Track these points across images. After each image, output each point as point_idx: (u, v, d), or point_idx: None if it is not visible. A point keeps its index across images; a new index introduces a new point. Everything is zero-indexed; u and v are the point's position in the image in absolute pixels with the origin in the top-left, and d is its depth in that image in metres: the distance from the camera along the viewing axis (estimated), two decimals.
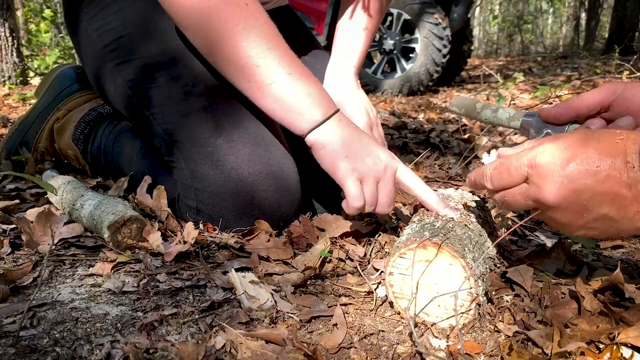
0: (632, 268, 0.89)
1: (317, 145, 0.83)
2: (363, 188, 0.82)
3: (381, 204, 0.84)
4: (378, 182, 0.83)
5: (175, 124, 0.95)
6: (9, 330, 0.59)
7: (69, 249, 0.85)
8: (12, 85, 3.96)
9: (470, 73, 6.39)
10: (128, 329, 0.62)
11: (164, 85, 0.96)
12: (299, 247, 0.89)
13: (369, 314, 0.71)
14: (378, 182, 0.83)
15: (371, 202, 0.83)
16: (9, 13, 3.93)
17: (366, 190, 0.82)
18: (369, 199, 0.82)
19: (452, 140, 2.01)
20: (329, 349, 0.62)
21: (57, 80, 1.34)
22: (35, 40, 5.60)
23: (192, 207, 0.94)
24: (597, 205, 0.56)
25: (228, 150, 0.90)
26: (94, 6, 1.05)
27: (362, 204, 0.81)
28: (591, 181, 0.55)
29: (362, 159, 0.82)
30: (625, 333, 0.60)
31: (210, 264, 0.81)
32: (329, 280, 0.79)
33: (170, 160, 0.97)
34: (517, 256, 0.89)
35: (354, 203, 0.81)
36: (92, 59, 1.07)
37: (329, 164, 0.83)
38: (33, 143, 1.30)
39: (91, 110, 1.25)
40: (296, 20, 1.25)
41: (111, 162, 1.17)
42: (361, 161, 0.82)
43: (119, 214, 0.83)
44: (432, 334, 0.66)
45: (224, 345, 0.59)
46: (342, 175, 0.82)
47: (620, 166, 0.54)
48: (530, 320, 0.66)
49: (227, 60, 0.84)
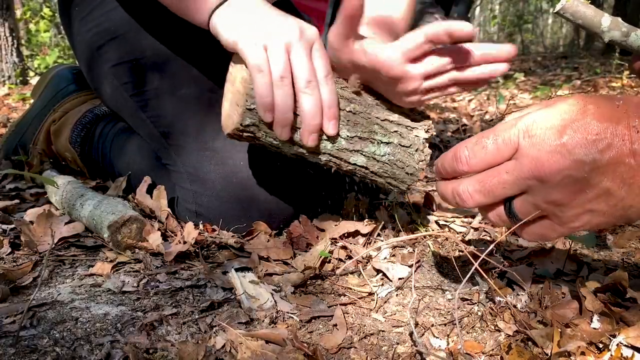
0: (632, 268, 0.89)
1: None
2: (267, 57, 0.66)
3: (298, 85, 0.67)
4: (288, 51, 0.68)
5: (171, 127, 0.94)
6: (9, 330, 0.59)
7: (69, 249, 0.85)
8: (12, 85, 3.96)
9: None
10: (128, 329, 0.62)
11: (159, 88, 0.96)
12: (299, 247, 0.89)
13: (369, 314, 0.71)
14: (288, 52, 0.68)
15: (280, 73, 0.66)
16: (9, 13, 3.93)
17: (272, 60, 0.66)
18: (276, 70, 0.66)
19: (452, 140, 2.01)
20: (329, 349, 0.61)
21: (54, 81, 1.33)
22: (35, 40, 5.59)
23: (191, 210, 0.93)
24: (598, 178, 0.49)
25: (226, 153, 0.90)
26: (86, 6, 1.04)
27: (267, 78, 0.66)
28: (591, 150, 0.48)
29: (268, 24, 0.69)
30: (625, 333, 0.60)
31: (210, 264, 0.81)
32: (329, 280, 0.79)
33: (167, 163, 0.97)
34: (517, 256, 0.89)
35: (255, 75, 0.66)
36: (87, 60, 1.07)
37: (228, 37, 0.69)
38: (30, 145, 1.30)
39: (87, 111, 1.24)
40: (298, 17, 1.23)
41: (109, 164, 1.16)
42: (265, 26, 0.68)
43: (119, 214, 0.83)
44: (432, 334, 0.66)
45: (224, 345, 0.59)
46: (234, 41, 0.68)
47: (622, 132, 0.47)
48: (530, 320, 0.66)
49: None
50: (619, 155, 0.48)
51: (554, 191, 0.50)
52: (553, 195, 0.51)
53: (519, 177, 0.51)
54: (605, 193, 0.49)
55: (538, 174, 0.50)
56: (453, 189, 0.56)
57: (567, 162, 0.49)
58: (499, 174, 0.52)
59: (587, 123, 0.48)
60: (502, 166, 0.52)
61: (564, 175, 0.49)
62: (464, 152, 0.54)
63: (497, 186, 0.53)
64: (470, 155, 0.53)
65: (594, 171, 0.48)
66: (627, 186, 0.48)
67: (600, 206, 0.50)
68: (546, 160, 0.49)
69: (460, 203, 0.56)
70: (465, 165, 0.54)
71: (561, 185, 0.50)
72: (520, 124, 0.51)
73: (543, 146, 0.49)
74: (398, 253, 0.87)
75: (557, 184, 0.50)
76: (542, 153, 0.49)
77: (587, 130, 0.48)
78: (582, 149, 0.48)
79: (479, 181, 0.54)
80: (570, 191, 0.50)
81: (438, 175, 0.59)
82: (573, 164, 0.48)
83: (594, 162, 0.48)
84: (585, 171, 0.48)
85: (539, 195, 0.51)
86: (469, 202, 0.55)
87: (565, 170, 0.49)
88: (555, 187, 0.50)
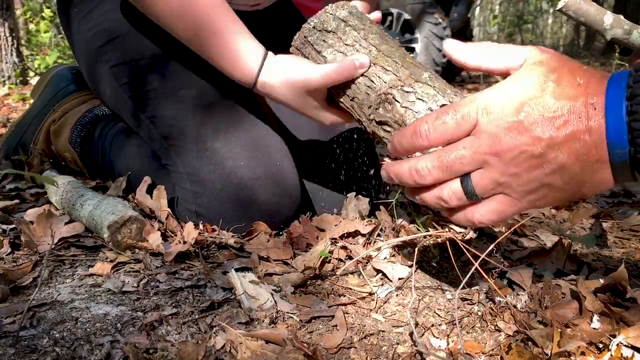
0: (632, 268, 0.89)
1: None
2: None
3: None
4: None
5: (171, 128, 0.94)
6: (9, 330, 0.59)
7: (69, 249, 0.85)
8: (12, 85, 3.96)
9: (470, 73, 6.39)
10: (128, 329, 0.62)
11: (159, 88, 0.95)
12: (299, 247, 0.89)
13: (369, 314, 0.71)
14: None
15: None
16: (9, 13, 3.93)
17: None
18: None
19: None
20: (329, 349, 0.61)
21: (53, 81, 1.33)
22: (35, 40, 5.59)
23: (191, 210, 0.93)
24: (554, 154, 0.50)
25: (226, 154, 0.89)
26: (85, 6, 1.04)
27: None
28: (548, 127, 0.49)
29: None
30: (625, 333, 0.60)
31: (210, 264, 0.81)
32: (329, 281, 0.79)
33: (167, 163, 0.97)
34: (517, 256, 0.89)
35: None
36: (87, 61, 1.06)
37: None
38: (30, 145, 1.30)
39: (87, 112, 1.24)
40: (297, 16, 1.23)
41: (109, 164, 1.16)
42: None
43: (119, 214, 0.83)
44: (432, 334, 0.66)
45: (224, 345, 0.59)
46: None
47: (580, 109, 0.48)
48: (530, 320, 0.66)
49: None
50: (575, 132, 0.49)
51: (511, 166, 0.51)
52: (510, 169, 0.51)
53: (477, 152, 0.52)
54: (561, 168, 0.50)
55: (495, 150, 0.51)
56: (411, 166, 0.56)
57: (523, 138, 0.50)
58: (457, 149, 0.53)
59: (545, 101, 0.49)
60: (460, 142, 0.53)
61: (521, 150, 0.50)
62: (424, 127, 0.54)
63: (456, 161, 0.53)
64: (430, 130, 0.54)
65: (550, 147, 0.49)
66: (581, 162, 0.49)
67: (556, 181, 0.51)
68: (503, 136, 0.50)
69: (418, 180, 0.56)
70: (425, 140, 0.54)
71: (518, 160, 0.51)
72: (480, 100, 0.52)
73: (500, 123, 0.50)
74: (398, 253, 0.87)
75: (514, 158, 0.51)
76: (499, 130, 0.51)
77: (544, 107, 0.49)
78: (538, 126, 0.49)
79: (438, 157, 0.54)
80: (527, 166, 0.51)
81: (393, 154, 0.59)
82: (529, 140, 0.50)
83: (551, 139, 0.49)
84: (542, 147, 0.50)
85: (497, 170, 0.52)
86: (427, 179, 0.55)
87: (522, 146, 0.50)
88: (512, 162, 0.51)
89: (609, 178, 0.50)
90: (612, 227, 1.12)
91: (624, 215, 1.20)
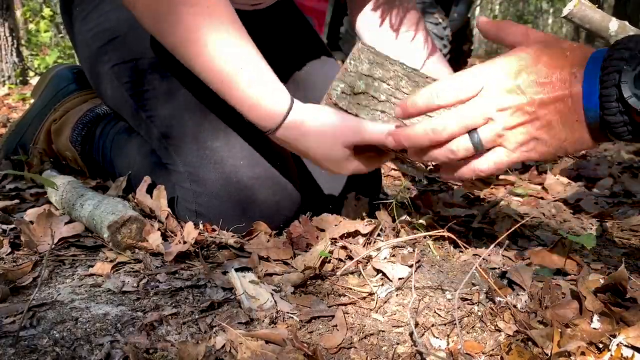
0: (633, 268, 0.89)
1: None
2: None
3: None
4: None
5: (171, 127, 0.94)
6: (9, 330, 0.59)
7: (69, 249, 0.85)
8: (12, 85, 3.96)
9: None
10: (128, 329, 0.62)
11: (159, 88, 0.95)
12: (299, 247, 0.89)
13: (369, 314, 0.71)
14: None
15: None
16: (9, 13, 3.93)
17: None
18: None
19: None
20: (329, 349, 0.61)
21: (54, 80, 1.33)
22: (35, 40, 5.59)
23: (191, 210, 0.93)
24: (543, 112, 0.60)
25: (227, 153, 0.90)
26: (86, 5, 1.04)
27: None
28: (539, 90, 0.60)
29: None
30: (625, 333, 0.60)
31: (210, 264, 0.81)
32: (329, 281, 0.79)
33: (167, 163, 0.97)
34: (517, 256, 0.89)
35: None
36: (88, 60, 1.07)
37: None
38: (30, 144, 1.30)
39: (88, 111, 1.24)
40: (298, 16, 1.23)
41: (110, 164, 1.16)
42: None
43: (119, 214, 0.83)
44: (432, 334, 0.66)
45: (224, 345, 0.59)
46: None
47: (565, 77, 0.59)
48: (530, 320, 0.66)
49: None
50: (560, 96, 0.59)
51: (510, 121, 0.62)
52: (509, 123, 0.62)
53: (486, 109, 0.63)
54: (548, 124, 0.61)
55: (500, 107, 0.62)
56: (425, 127, 0.66)
57: (521, 98, 0.61)
58: (470, 108, 0.63)
59: (539, 69, 0.60)
60: (471, 101, 0.63)
61: (519, 108, 0.61)
62: (439, 88, 0.65)
63: (468, 117, 0.63)
64: (445, 91, 0.64)
65: (540, 106, 0.60)
66: (563, 121, 0.60)
67: (543, 135, 0.62)
68: (506, 96, 0.61)
69: (433, 138, 0.66)
70: (441, 100, 0.65)
71: (516, 116, 0.62)
72: (487, 67, 0.64)
73: (503, 85, 0.62)
74: (398, 253, 0.87)
75: (512, 114, 0.62)
76: (502, 91, 0.62)
77: (537, 74, 0.60)
78: (532, 89, 0.60)
79: (454, 115, 0.64)
80: (522, 120, 0.62)
81: (404, 115, 0.68)
82: (526, 101, 0.61)
83: (541, 100, 0.60)
84: (534, 106, 0.60)
85: (499, 124, 0.63)
86: (444, 134, 0.65)
87: (520, 105, 0.61)
88: (511, 117, 0.62)
89: (587, 137, 0.60)
90: (612, 227, 1.12)
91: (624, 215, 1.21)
